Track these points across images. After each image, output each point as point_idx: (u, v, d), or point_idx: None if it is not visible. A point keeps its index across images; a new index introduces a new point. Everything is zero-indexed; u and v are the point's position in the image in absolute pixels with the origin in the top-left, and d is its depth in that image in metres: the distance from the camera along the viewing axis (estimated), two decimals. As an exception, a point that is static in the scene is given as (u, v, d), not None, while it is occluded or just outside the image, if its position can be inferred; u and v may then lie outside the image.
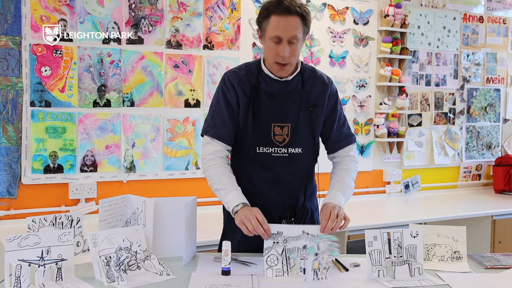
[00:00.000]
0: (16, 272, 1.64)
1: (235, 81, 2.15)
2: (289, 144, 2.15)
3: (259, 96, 2.14)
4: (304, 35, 2.08)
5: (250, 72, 2.17)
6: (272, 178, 2.17)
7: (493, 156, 4.84)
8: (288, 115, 2.14)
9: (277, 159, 2.15)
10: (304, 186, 2.23)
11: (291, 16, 2.01)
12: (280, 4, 2.01)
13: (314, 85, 2.19)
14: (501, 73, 4.86)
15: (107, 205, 2.03)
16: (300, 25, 2.03)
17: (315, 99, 2.18)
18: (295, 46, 2.04)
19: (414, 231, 1.96)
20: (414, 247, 1.95)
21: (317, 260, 1.88)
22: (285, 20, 2.01)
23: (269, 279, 1.86)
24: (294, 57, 2.08)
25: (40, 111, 3.13)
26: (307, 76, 2.19)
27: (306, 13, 2.05)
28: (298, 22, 2.02)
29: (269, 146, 2.14)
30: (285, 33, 2.01)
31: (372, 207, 3.99)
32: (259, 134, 2.13)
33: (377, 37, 4.18)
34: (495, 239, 3.90)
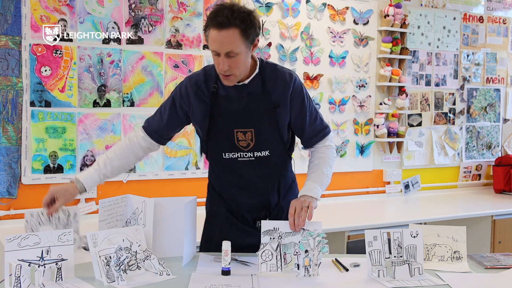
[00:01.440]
0: (16, 272, 1.64)
1: (193, 91, 2.11)
2: (255, 148, 2.10)
3: (219, 102, 2.09)
4: (247, 45, 1.97)
5: (209, 77, 2.11)
6: (241, 182, 2.16)
7: (493, 156, 4.84)
8: (250, 120, 2.08)
9: (244, 164, 2.12)
10: (276, 187, 2.20)
11: (227, 30, 1.90)
12: (216, 16, 1.91)
13: (275, 85, 2.10)
14: (501, 73, 4.86)
15: (107, 205, 2.03)
16: (238, 38, 1.92)
17: (277, 99, 2.09)
18: (235, 59, 1.96)
19: (414, 231, 1.96)
20: (414, 247, 1.95)
21: (307, 257, 1.89)
22: (219, 35, 1.91)
23: (262, 273, 1.89)
24: (237, 68, 1.99)
25: (40, 111, 3.13)
26: (268, 76, 2.11)
27: (245, 22, 1.94)
28: (235, 35, 1.91)
29: (234, 151, 2.11)
30: (221, 48, 1.92)
31: (372, 207, 3.99)
32: (223, 140, 2.10)
33: (377, 37, 4.18)
34: (495, 239, 3.90)
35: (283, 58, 3.82)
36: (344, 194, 4.13)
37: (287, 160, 2.25)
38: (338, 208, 3.87)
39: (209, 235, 2.25)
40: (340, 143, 4.07)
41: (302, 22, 3.88)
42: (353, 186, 4.16)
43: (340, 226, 3.32)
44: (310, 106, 2.18)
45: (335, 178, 4.02)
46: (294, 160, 2.31)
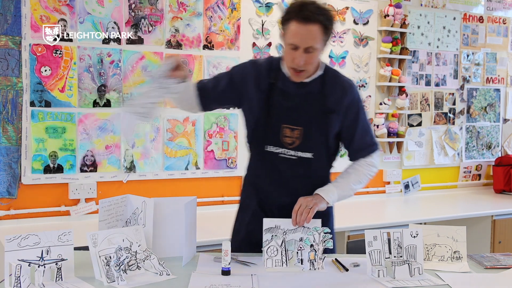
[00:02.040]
0: (16, 272, 1.64)
1: (252, 76, 2.12)
2: (299, 148, 2.10)
3: (274, 95, 2.09)
4: (324, 43, 2.00)
5: (271, 68, 2.12)
6: (278, 179, 2.14)
7: (493, 156, 4.84)
8: (301, 118, 2.08)
9: (285, 161, 2.11)
10: (311, 191, 2.13)
11: (310, 25, 1.92)
12: (302, 10, 1.93)
13: (333, 90, 2.10)
14: (501, 73, 4.86)
15: (107, 205, 2.03)
16: (320, 34, 1.94)
17: (332, 105, 2.09)
18: (312, 54, 1.98)
19: (414, 231, 1.96)
20: (414, 247, 1.95)
21: (312, 251, 1.92)
22: (303, 28, 1.93)
23: (269, 269, 1.92)
24: (311, 65, 2.02)
25: (40, 111, 3.13)
26: (328, 80, 2.11)
27: (329, 20, 1.96)
28: (317, 31, 1.93)
29: (278, 146, 2.10)
30: (302, 42, 1.94)
31: (372, 207, 3.99)
32: (269, 133, 2.10)
33: (377, 37, 4.18)
34: (495, 239, 3.90)
35: (283, 58, 3.82)
36: (344, 194, 4.12)
37: (327, 168, 2.23)
38: (338, 208, 3.84)
39: (238, 227, 2.26)
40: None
41: (302, 22, 3.88)
42: (353, 186, 4.16)
43: (340, 226, 3.29)
44: (363, 119, 2.17)
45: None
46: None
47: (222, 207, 3.64)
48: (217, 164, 3.62)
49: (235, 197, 3.70)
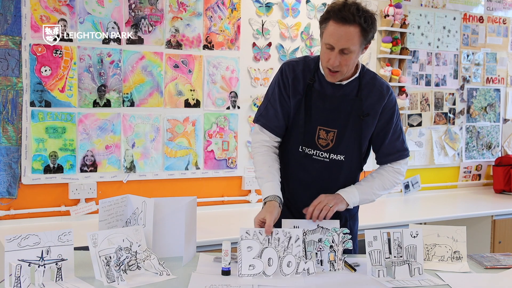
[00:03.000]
0: (16, 272, 1.64)
1: (291, 76, 2.11)
2: (332, 150, 2.10)
3: (311, 96, 2.08)
4: (361, 45, 1.97)
5: (308, 68, 2.11)
6: (308, 180, 2.14)
7: (493, 156, 4.84)
8: (336, 120, 2.08)
9: (317, 162, 2.11)
10: None
11: (348, 26, 1.90)
12: (341, 10, 1.90)
13: (370, 93, 2.09)
14: (501, 73, 4.86)
15: (107, 205, 2.03)
16: (358, 36, 1.91)
17: (368, 108, 2.08)
18: (348, 56, 1.95)
19: (414, 231, 1.96)
20: (414, 247, 1.95)
21: (332, 252, 1.93)
22: (341, 29, 1.90)
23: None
24: (347, 66, 1.99)
25: (40, 111, 3.13)
26: (365, 83, 2.10)
27: (368, 23, 1.92)
28: (355, 33, 1.90)
29: (311, 148, 2.10)
30: (338, 43, 1.92)
31: (372, 207, 3.96)
32: (304, 134, 2.10)
33: (377, 37, 4.18)
34: (495, 239, 3.90)
35: (283, 58, 3.82)
36: (344, 194, 4.12)
37: (357, 171, 2.23)
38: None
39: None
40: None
41: (302, 22, 3.88)
42: (353, 186, 4.16)
43: (340, 226, 3.31)
44: (397, 124, 2.17)
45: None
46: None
47: (222, 207, 3.64)
48: (217, 164, 3.62)
49: (235, 197, 3.71)
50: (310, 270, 1.88)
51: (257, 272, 1.84)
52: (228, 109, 3.64)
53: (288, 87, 2.12)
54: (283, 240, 1.89)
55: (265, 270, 1.85)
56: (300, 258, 1.88)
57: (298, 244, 1.90)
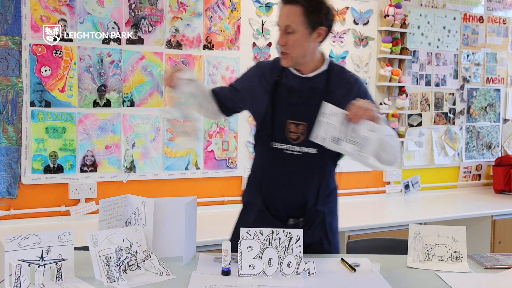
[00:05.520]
0: (16, 272, 1.64)
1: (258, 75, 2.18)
2: (304, 143, 2.09)
3: (280, 92, 2.11)
4: (307, 28, 2.01)
5: (276, 66, 2.15)
6: (283, 176, 2.14)
7: (493, 156, 4.84)
8: (306, 113, 2.08)
9: (290, 157, 2.11)
10: (316, 188, 2.15)
11: (290, 5, 2.00)
12: None
13: (339, 86, 2.11)
14: (501, 73, 4.86)
15: (107, 205, 2.03)
16: (299, 15, 1.99)
17: (338, 101, 2.04)
18: (292, 36, 2.01)
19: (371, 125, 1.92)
20: (367, 138, 1.91)
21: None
22: (285, 8, 2.02)
23: None
24: (293, 48, 2.03)
25: (40, 111, 3.13)
26: (334, 76, 2.12)
27: (312, 3, 2.00)
28: (296, 11, 1.99)
29: (282, 142, 2.11)
30: (281, 21, 2.03)
31: (372, 207, 3.99)
32: (274, 129, 2.11)
33: (377, 37, 4.19)
34: (495, 239, 3.90)
35: (283, 58, 3.82)
36: (344, 194, 4.13)
37: (332, 165, 2.22)
38: (338, 208, 3.87)
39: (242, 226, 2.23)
40: None
41: (302, 22, 3.88)
42: (353, 186, 4.16)
43: (340, 226, 3.28)
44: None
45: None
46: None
47: (222, 207, 3.64)
48: (217, 164, 3.62)
49: (235, 197, 3.70)
50: (311, 270, 1.88)
51: (257, 272, 1.84)
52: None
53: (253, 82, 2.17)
54: (283, 240, 1.89)
55: (265, 270, 1.85)
56: (300, 259, 1.88)
57: (299, 244, 1.90)
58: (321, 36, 2.07)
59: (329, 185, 2.21)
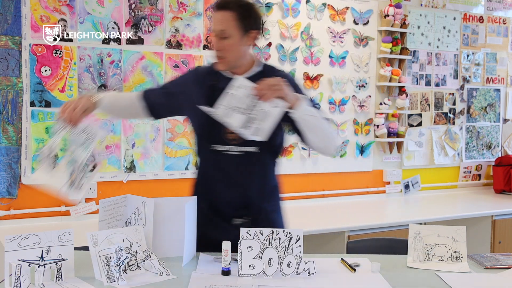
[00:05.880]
0: (16, 272, 1.64)
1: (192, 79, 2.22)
2: (243, 143, 2.11)
3: (216, 95, 2.12)
4: (241, 32, 2.07)
5: (212, 71, 2.20)
6: (225, 177, 2.17)
7: (493, 156, 4.84)
8: None
9: (231, 158, 2.13)
10: (259, 186, 2.19)
11: (224, 11, 2.06)
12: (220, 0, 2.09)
13: None
14: (501, 73, 4.86)
15: (107, 205, 2.03)
16: (233, 20, 2.05)
17: None
18: (227, 41, 2.06)
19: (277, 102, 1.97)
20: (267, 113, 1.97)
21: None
22: (218, 15, 2.07)
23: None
24: (229, 52, 2.08)
25: (40, 111, 3.13)
26: (266, 75, 2.16)
27: (244, 9, 2.07)
28: (229, 17, 2.05)
29: (221, 144, 2.13)
30: (216, 27, 2.08)
31: (372, 207, 3.99)
32: (213, 132, 2.13)
33: (377, 37, 4.19)
34: (495, 239, 3.90)
35: (283, 58, 3.82)
36: (344, 194, 4.13)
37: (274, 163, 2.25)
38: (338, 208, 3.88)
39: None
40: (340, 143, 4.07)
41: (302, 22, 3.88)
42: (353, 186, 4.16)
43: (340, 226, 3.32)
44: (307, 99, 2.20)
45: (335, 178, 4.07)
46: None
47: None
48: (217, 164, 3.62)
49: (235, 197, 3.70)
50: (311, 270, 1.88)
51: (257, 272, 1.84)
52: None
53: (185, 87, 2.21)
54: (283, 240, 1.89)
55: (265, 270, 1.85)
56: (300, 259, 1.88)
57: (299, 244, 1.90)
58: (252, 39, 2.13)
59: (271, 183, 2.24)
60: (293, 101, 2.02)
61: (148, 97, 2.23)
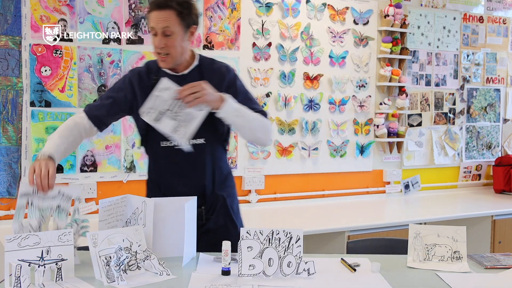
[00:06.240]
0: (16, 272, 1.64)
1: (136, 82, 2.24)
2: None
3: None
4: (183, 28, 2.14)
5: (151, 70, 2.26)
6: (177, 170, 2.24)
7: (493, 156, 4.84)
8: None
9: (180, 152, 2.19)
10: (211, 175, 2.27)
11: (164, 10, 2.11)
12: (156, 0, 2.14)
13: (212, 77, 2.22)
14: (501, 73, 4.86)
15: (107, 205, 2.03)
16: (175, 18, 2.11)
17: None
18: (171, 38, 2.12)
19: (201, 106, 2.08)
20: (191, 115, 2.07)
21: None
22: (159, 14, 2.11)
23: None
24: (174, 49, 2.14)
25: (40, 111, 3.13)
26: (205, 69, 2.26)
27: (183, 6, 2.12)
28: (171, 14, 2.11)
29: (170, 140, 2.18)
30: (158, 25, 2.11)
31: (372, 207, 3.99)
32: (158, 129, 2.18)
33: (377, 37, 4.19)
34: (495, 239, 3.90)
35: (283, 58, 3.83)
36: (344, 194, 4.13)
37: (222, 151, 2.34)
38: (338, 208, 3.88)
39: None
40: (340, 143, 4.07)
41: (302, 22, 3.88)
42: (353, 186, 4.16)
43: (340, 226, 3.32)
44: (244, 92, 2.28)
45: (335, 178, 4.07)
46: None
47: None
48: (217, 164, 3.61)
49: (235, 197, 3.70)
50: (311, 270, 1.88)
51: (257, 272, 1.84)
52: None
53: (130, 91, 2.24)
54: (283, 240, 1.89)
55: (265, 270, 1.85)
56: (300, 259, 1.88)
57: (299, 244, 1.90)
58: (193, 34, 2.22)
59: (222, 170, 2.33)
60: (216, 103, 2.11)
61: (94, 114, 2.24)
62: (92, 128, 2.24)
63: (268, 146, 2.95)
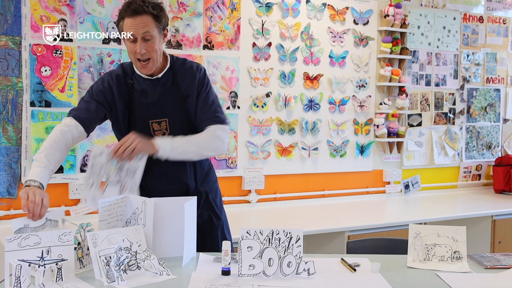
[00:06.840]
0: (16, 272, 1.64)
1: (115, 85, 2.27)
2: (169, 135, 2.25)
3: (135, 96, 2.26)
4: (159, 31, 2.18)
5: (126, 73, 2.29)
6: (160, 170, 2.27)
7: (493, 156, 4.84)
8: (164, 111, 2.25)
9: None
10: (193, 173, 2.33)
11: (141, 16, 2.13)
12: (130, 6, 2.14)
13: (184, 77, 2.28)
14: (501, 73, 4.86)
15: (107, 205, 2.03)
16: (152, 22, 2.14)
17: (186, 91, 2.27)
18: (151, 42, 2.15)
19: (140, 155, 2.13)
20: (133, 168, 2.11)
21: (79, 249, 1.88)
22: (137, 20, 2.13)
23: None
24: (154, 52, 2.17)
25: (40, 111, 3.13)
26: (177, 69, 2.29)
27: (157, 10, 2.16)
28: (149, 19, 2.14)
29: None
30: (138, 31, 2.13)
31: (372, 207, 3.99)
32: (140, 132, 2.21)
33: (377, 37, 4.19)
34: (495, 239, 3.90)
35: (283, 58, 3.83)
36: (344, 194, 4.13)
37: None
38: (338, 208, 3.88)
39: None
40: (340, 143, 4.07)
41: (302, 22, 3.88)
42: (353, 186, 4.16)
43: (340, 226, 3.32)
44: (207, 94, 2.30)
45: (335, 178, 4.07)
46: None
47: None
48: (217, 164, 3.62)
49: (235, 197, 3.71)
50: (311, 270, 1.88)
51: (257, 272, 1.84)
52: (228, 109, 3.64)
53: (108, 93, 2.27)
54: (283, 240, 1.89)
55: (265, 270, 1.85)
56: (300, 259, 1.88)
57: (299, 244, 1.90)
58: (165, 36, 2.26)
59: (203, 166, 2.38)
60: (151, 148, 2.15)
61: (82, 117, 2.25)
62: (82, 132, 2.25)
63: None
